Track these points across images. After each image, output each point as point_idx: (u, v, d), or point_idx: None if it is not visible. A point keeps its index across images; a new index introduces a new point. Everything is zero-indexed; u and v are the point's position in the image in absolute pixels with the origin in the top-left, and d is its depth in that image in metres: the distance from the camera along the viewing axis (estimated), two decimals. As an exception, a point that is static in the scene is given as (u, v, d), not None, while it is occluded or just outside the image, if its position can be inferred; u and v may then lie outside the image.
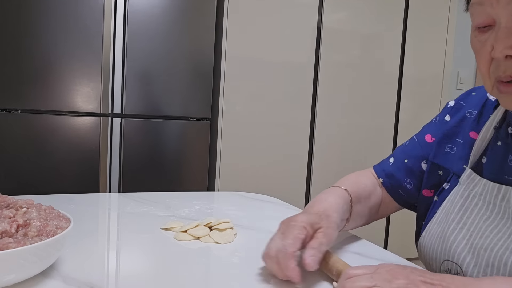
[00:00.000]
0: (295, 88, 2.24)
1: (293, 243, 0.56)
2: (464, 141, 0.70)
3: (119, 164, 1.92)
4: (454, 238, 0.62)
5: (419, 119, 2.53)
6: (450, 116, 0.76)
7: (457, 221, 0.63)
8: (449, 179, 0.70)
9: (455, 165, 0.70)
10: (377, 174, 0.83)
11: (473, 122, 0.70)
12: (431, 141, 0.77)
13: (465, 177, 0.65)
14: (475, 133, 0.69)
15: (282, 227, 0.61)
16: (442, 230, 0.65)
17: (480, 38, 0.55)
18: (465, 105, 0.75)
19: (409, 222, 2.65)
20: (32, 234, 0.52)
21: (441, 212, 0.68)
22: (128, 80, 1.89)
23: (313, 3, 2.23)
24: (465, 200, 0.64)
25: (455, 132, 0.73)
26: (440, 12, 2.52)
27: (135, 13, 1.87)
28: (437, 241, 0.66)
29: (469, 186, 0.64)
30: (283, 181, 2.26)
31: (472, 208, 0.62)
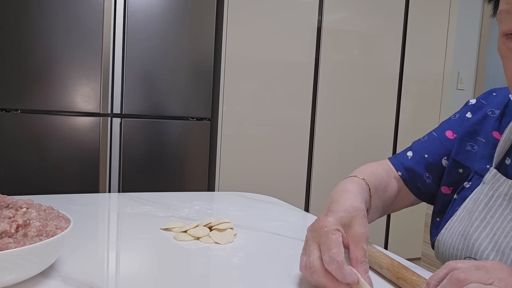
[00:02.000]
0: (295, 88, 2.24)
1: (339, 251, 0.52)
2: (487, 141, 0.70)
3: (119, 164, 1.92)
4: (477, 236, 0.62)
5: (419, 119, 2.53)
6: (472, 114, 0.75)
7: (481, 220, 0.63)
8: (470, 178, 0.70)
9: (477, 164, 0.70)
10: (395, 167, 0.81)
11: (496, 122, 0.70)
12: (452, 138, 0.76)
13: (490, 177, 0.65)
14: (498, 133, 0.69)
15: (313, 235, 0.56)
16: (464, 228, 0.65)
17: (508, 45, 0.54)
18: (486, 104, 0.74)
19: (409, 222, 2.65)
20: (32, 234, 0.52)
21: (463, 210, 0.67)
22: (128, 80, 1.89)
23: (313, 3, 2.23)
24: (489, 200, 0.64)
25: (477, 130, 0.72)
26: (440, 12, 2.52)
27: (135, 13, 1.87)
28: (459, 238, 0.65)
29: (493, 186, 0.64)
30: (283, 181, 2.26)
31: (496, 208, 0.62)
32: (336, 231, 0.55)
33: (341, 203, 0.60)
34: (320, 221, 0.57)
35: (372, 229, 2.74)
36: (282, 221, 0.91)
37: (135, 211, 0.89)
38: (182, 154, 2.03)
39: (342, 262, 0.51)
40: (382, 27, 2.39)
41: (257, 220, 0.88)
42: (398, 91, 2.48)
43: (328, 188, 2.34)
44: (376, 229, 2.52)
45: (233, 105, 2.12)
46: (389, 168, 0.82)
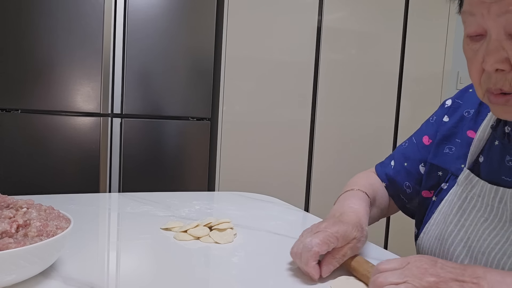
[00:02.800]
0: (295, 88, 2.24)
1: (320, 244, 0.57)
2: (462, 140, 0.70)
3: (119, 164, 1.92)
4: (452, 240, 0.62)
5: (419, 119, 2.53)
6: (448, 117, 0.75)
7: (455, 223, 0.63)
8: (447, 179, 0.70)
9: (453, 165, 0.69)
10: (380, 177, 0.84)
11: (471, 121, 0.70)
12: (428, 143, 0.77)
13: (463, 178, 0.64)
14: (472, 132, 0.68)
15: (313, 228, 0.61)
16: (440, 232, 0.65)
17: (472, 47, 0.53)
18: (462, 103, 0.74)
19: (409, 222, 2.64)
20: (32, 235, 0.52)
21: (439, 213, 0.67)
22: (128, 80, 1.89)
23: (313, 3, 2.23)
24: (463, 202, 0.63)
25: (454, 132, 0.72)
26: (440, 12, 2.52)
27: (135, 12, 1.87)
28: (435, 243, 0.66)
29: (467, 187, 0.63)
30: (283, 181, 2.26)
31: (470, 210, 0.62)
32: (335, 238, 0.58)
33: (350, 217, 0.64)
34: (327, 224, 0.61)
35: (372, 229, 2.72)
36: (282, 220, 0.91)
37: (135, 211, 0.89)
38: (182, 154, 2.03)
39: (314, 252, 0.56)
40: (382, 27, 2.39)
41: (257, 220, 0.89)
42: (397, 91, 2.48)
43: (328, 188, 2.34)
44: (376, 229, 2.52)
45: (233, 105, 2.12)
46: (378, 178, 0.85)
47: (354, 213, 0.65)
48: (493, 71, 0.50)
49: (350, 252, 0.60)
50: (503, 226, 0.57)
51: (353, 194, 0.74)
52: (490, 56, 0.50)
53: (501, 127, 0.62)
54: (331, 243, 0.58)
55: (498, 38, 0.49)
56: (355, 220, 0.63)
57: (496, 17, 0.48)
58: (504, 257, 0.55)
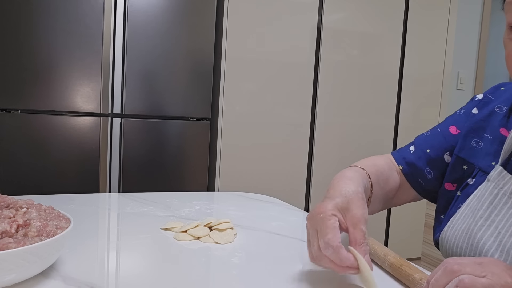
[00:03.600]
0: (295, 88, 2.24)
1: (334, 236, 0.53)
2: (493, 137, 0.69)
3: (119, 164, 1.92)
4: (481, 235, 0.61)
5: (419, 119, 2.53)
6: (478, 109, 0.74)
7: (485, 218, 0.62)
8: (474, 175, 0.69)
9: (482, 161, 0.68)
10: (397, 161, 0.81)
11: (503, 118, 0.69)
12: (456, 133, 0.75)
13: (496, 174, 0.64)
14: (505, 129, 0.68)
15: (311, 223, 0.57)
16: (467, 226, 0.64)
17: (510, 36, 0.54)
18: (493, 99, 0.73)
19: (409, 222, 2.65)
20: (32, 234, 0.52)
21: (467, 207, 0.66)
22: (128, 80, 1.89)
23: (313, 3, 2.23)
24: (494, 198, 0.62)
25: (483, 126, 0.71)
26: (440, 12, 2.52)
27: (135, 13, 1.87)
28: (462, 236, 0.65)
29: (498, 184, 0.63)
30: (283, 181, 2.26)
31: (501, 206, 0.61)
32: (332, 216, 0.55)
33: (337, 189, 0.61)
34: (317, 207, 0.58)
35: (372, 228, 2.73)
36: (282, 221, 0.91)
37: (135, 211, 0.89)
38: (182, 154, 2.03)
39: (337, 247, 0.52)
40: (382, 27, 2.39)
41: (257, 220, 0.89)
42: (398, 91, 2.48)
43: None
44: (376, 229, 2.52)
45: (233, 105, 2.12)
46: (391, 162, 0.81)
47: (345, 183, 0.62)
48: None
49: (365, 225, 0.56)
50: None
51: (349, 168, 0.72)
52: None
53: None
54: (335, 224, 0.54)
55: None
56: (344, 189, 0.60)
57: None
58: None
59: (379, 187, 0.75)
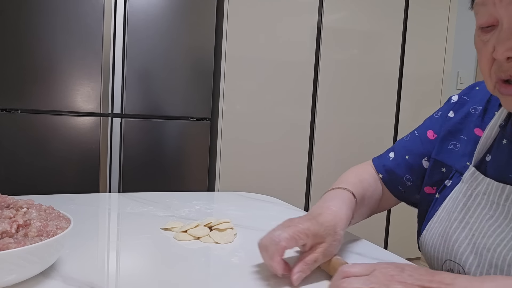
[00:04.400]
0: (295, 88, 2.24)
1: (288, 239, 0.56)
2: (468, 138, 0.69)
3: (119, 164, 1.92)
4: (456, 237, 0.62)
5: (419, 119, 2.53)
6: (454, 112, 0.74)
7: (460, 220, 0.62)
8: (451, 176, 0.69)
9: (458, 162, 0.69)
10: (377, 169, 0.82)
11: (478, 119, 0.69)
12: (433, 138, 0.76)
13: (469, 176, 0.64)
14: (479, 130, 0.68)
15: (287, 222, 0.60)
16: (444, 229, 0.65)
17: (483, 38, 0.54)
18: (469, 100, 0.73)
19: (409, 221, 2.65)
20: (32, 235, 0.52)
21: (443, 210, 0.67)
22: (128, 80, 1.89)
23: (313, 2, 2.23)
24: (468, 199, 0.63)
25: (459, 128, 0.71)
26: (440, 12, 2.52)
27: (135, 12, 1.87)
28: (439, 240, 0.65)
29: (472, 185, 0.63)
30: (283, 181, 2.26)
31: (475, 207, 0.61)
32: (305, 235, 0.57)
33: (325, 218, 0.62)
34: (301, 220, 0.60)
35: (372, 229, 2.73)
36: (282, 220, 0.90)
37: (135, 211, 0.89)
38: (182, 154, 2.03)
39: (280, 247, 0.55)
40: (382, 26, 2.39)
41: (257, 220, 0.89)
42: (398, 91, 2.49)
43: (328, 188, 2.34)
44: (376, 229, 2.52)
45: (233, 104, 2.12)
46: (373, 171, 0.83)
47: (332, 215, 0.63)
48: (505, 60, 0.51)
49: (322, 258, 0.59)
50: (509, 223, 0.56)
51: (338, 194, 0.71)
52: (501, 44, 0.50)
53: (510, 126, 0.62)
54: (300, 239, 0.57)
55: (510, 26, 0.50)
56: (330, 223, 0.61)
57: (507, 5, 0.49)
58: (510, 253, 0.54)
59: (363, 206, 0.76)
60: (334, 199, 0.69)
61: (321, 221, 0.61)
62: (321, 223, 0.60)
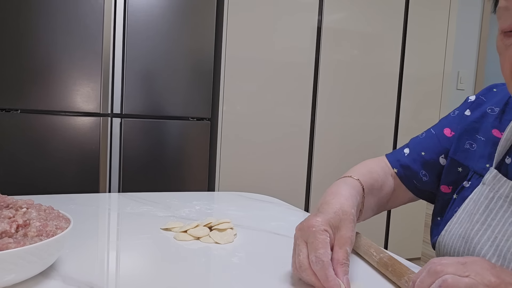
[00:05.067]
0: (295, 88, 2.24)
1: (325, 252, 0.53)
2: (486, 139, 0.69)
3: (119, 164, 1.92)
4: (478, 239, 0.61)
5: (419, 119, 2.53)
6: (471, 111, 0.74)
7: (482, 223, 0.62)
8: (469, 178, 0.69)
9: (476, 163, 0.69)
10: (391, 164, 0.81)
11: (495, 120, 0.69)
12: (450, 135, 0.75)
13: (491, 178, 0.64)
14: (497, 131, 0.68)
15: (302, 234, 0.57)
16: (464, 230, 0.64)
17: (506, 42, 0.54)
18: (486, 101, 0.73)
19: (409, 221, 2.65)
20: (32, 234, 0.52)
21: (463, 211, 0.66)
22: (128, 80, 1.89)
23: (313, 3, 2.23)
24: (490, 202, 0.62)
25: (475, 127, 0.71)
26: (440, 12, 2.52)
27: (135, 13, 1.87)
28: (459, 241, 0.65)
29: (494, 187, 0.63)
30: (283, 181, 2.26)
31: (497, 210, 0.61)
32: (324, 232, 0.56)
33: (331, 205, 0.61)
34: (309, 220, 0.58)
35: (372, 229, 2.73)
36: (282, 221, 0.91)
37: (135, 211, 0.89)
38: (182, 154, 2.03)
39: (327, 264, 0.52)
40: (382, 27, 2.39)
41: (257, 220, 0.89)
42: (398, 91, 2.49)
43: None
44: (376, 229, 2.52)
45: (233, 105, 2.12)
46: (385, 166, 0.82)
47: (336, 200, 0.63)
48: None
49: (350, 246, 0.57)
50: None
51: (344, 180, 0.72)
52: None
53: None
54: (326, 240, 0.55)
55: None
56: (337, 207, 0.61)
57: None
58: None
59: (372, 196, 0.76)
60: (337, 185, 0.70)
61: (330, 209, 0.60)
62: (331, 211, 0.60)
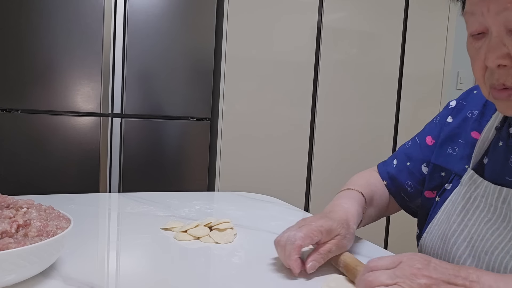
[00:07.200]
0: (295, 88, 2.24)
1: (303, 238, 0.58)
2: (466, 141, 0.70)
3: (119, 164, 1.92)
4: (455, 240, 0.62)
5: (419, 119, 2.53)
6: (452, 118, 0.75)
7: (458, 223, 0.63)
8: (451, 180, 0.70)
9: (457, 166, 0.69)
10: (381, 176, 0.84)
11: (475, 122, 0.70)
12: (431, 144, 0.77)
13: (467, 179, 0.64)
14: (476, 132, 0.68)
15: (299, 223, 0.63)
16: (443, 231, 0.65)
17: (475, 45, 0.55)
18: (466, 104, 0.74)
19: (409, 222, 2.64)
20: (32, 234, 0.52)
21: (442, 213, 0.67)
22: (128, 80, 1.89)
23: (313, 2, 2.23)
24: (466, 202, 0.63)
25: (457, 133, 0.72)
26: (440, 12, 2.52)
27: (135, 13, 1.87)
28: (438, 242, 0.65)
29: (470, 188, 0.63)
30: (283, 181, 2.26)
31: (473, 210, 0.62)
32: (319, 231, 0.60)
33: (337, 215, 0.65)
34: (313, 218, 0.63)
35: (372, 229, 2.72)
36: (282, 221, 0.91)
37: (135, 211, 0.89)
38: (182, 154, 2.03)
39: (296, 246, 0.58)
40: (382, 26, 2.39)
41: (257, 220, 0.89)
42: (397, 91, 2.48)
43: (328, 188, 2.34)
44: (376, 229, 2.52)
45: (233, 105, 2.12)
46: (379, 177, 0.85)
47: (343, 211, 0.67)
48: (496, 67, 0.52)
49: (336, 249, 0.61)
50: (507, 226, 0.57)
51: (348, 193, 0.74)
52: (491, 52, 0.51)
53: (506, 128, 0.62)
54: (314, 236, 0.59)
55: (499, 35, 0.50)
56: (342, 217, 0.65)
57: (495, 15, 0.50)
58: (507, 256, 0.55)
59: (372, 208, 0.79)
60: (344, 198, 0.72)
61: (333, 217, 0.64)
62: (334, 218, 0.63)
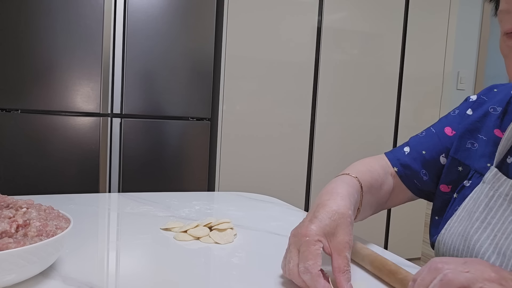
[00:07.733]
0: (295, 88, 2.24)
1: (315, 263, 0.53)
2: (488, 138, 0.69)
3: (119, 164, 1.92)
4: (478, 237, 0.61)
5: (419, 119, 2.53)
6: (472, 111, 0.74)
7: (481, 221, 0.62)
8: (470, 177, 0.69)
9: (477, 162, 0.69)
10: (391, 162, 0.80)
11: (497, 120, 0.69)
12: (451, 134, 0.75)
13: (491, 177, 0.64)
14: (499, 131, 0.68)
15: (295, 241, 0.56)
16: (464, 228, 0.64)
17: (509, 43, 0.54)
18: (487, 100, 0.73)
19: (409, 222, 2.65)
20: (32, 234, 0.52)
21: (463, 210, 0.66)
22: (128, 80, 1.89)
23: (313, 3, 2.23)
24: (489, 200, 0.62)
25: (477, 127, 0.71)
26: (440, 12, 2.52)
27: (135, 13, 1.87)
28: (459, 239, 0.65)
29: (494, 186, 0.63)
30: (283, 181, 2.26)
31: (496, 209, 0.61)
32: (317, 242, 0.54)
33: (327, 208, 0.59)
34: (303, 228, 0.57)
35: (372, 229, 2.73)
36: (282, 221, 0.91)
37: (135, 211, 0.89)
38: (182, 154, 2.03)
39: (315, 275, 0.52)
40: (382, 27, 2.39)
41: (257, 220, 0.88)
42: (398, 91, 2.49)
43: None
44: (376, 229, 2.52)
45: (233, 105, 2.12)
46: (385, 164, 0.80)
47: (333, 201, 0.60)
48: None
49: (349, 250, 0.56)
50: None
51: (341, 178, 0.70)
52: None
53: None
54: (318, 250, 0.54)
55: None
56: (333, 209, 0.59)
57: None
58: None
59: (371, 195, 0.74)
60: (334, 183, 0.68)
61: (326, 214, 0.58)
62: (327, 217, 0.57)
